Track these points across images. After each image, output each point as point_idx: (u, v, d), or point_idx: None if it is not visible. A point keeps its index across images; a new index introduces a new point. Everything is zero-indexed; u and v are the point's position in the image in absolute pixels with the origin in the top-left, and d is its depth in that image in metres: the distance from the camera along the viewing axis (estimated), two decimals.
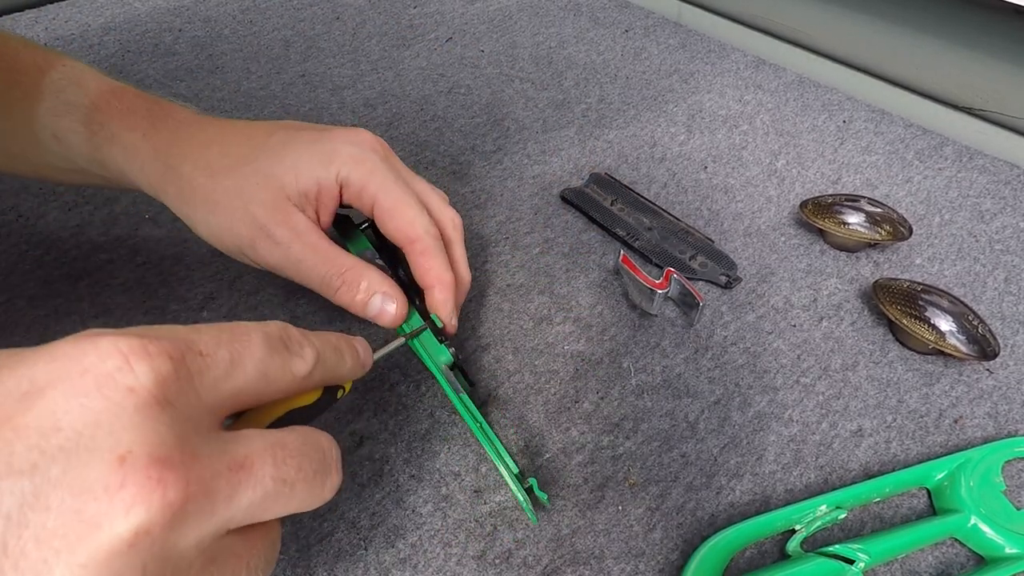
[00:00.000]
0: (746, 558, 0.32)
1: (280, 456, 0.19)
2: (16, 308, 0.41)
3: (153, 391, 0.16)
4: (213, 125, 0.35)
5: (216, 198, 0.33)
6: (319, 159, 0.33)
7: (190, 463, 0.16)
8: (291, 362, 0.22)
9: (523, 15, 0.74)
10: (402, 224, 0.34)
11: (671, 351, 0.41)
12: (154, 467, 0.15)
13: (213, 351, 0.19)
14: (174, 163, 0.33)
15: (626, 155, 0.55)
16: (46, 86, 0.34)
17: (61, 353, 0.16)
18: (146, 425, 0.16)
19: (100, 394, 0.16)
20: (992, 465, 0.35)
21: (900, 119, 0.60)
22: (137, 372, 0.16)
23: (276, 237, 0.33)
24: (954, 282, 0.46)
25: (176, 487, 0.15)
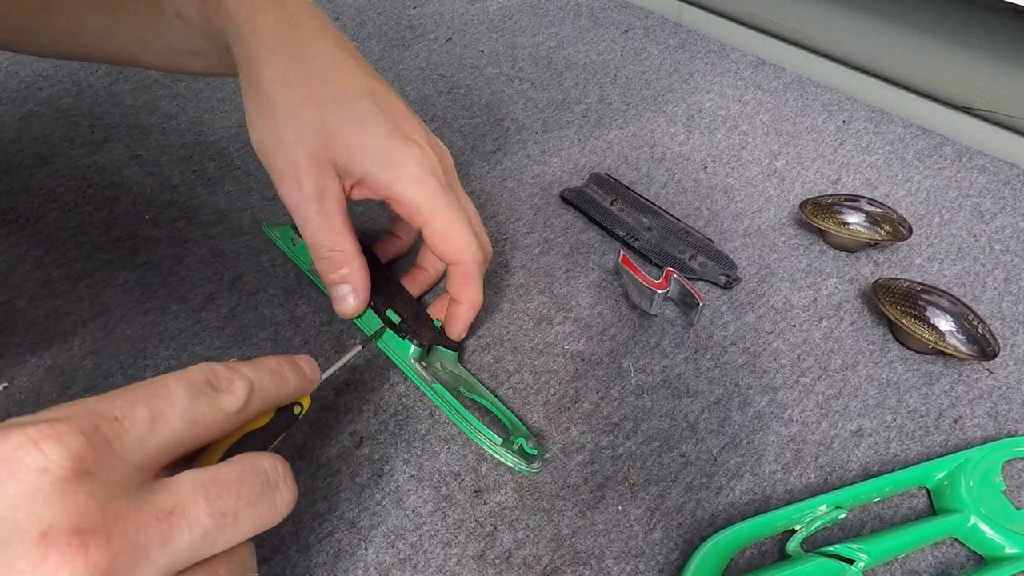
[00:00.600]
0: (746, 558, 0.32)
1: (213, 492, 0.20)
2: (16, 308, 0.41)
3: (67, 466, 0.17)
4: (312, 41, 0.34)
5: (277, 117, 0.33)
6: (381, 162, 0.34)
7: (112, 523, 0.17)
8: (219, 400, 0.22)
9: (523, 15, 0.74)
10: (453, 247, 0.35)
11: (671, 351, 0.41)
12: (75, 536, 0.16)
13: (128, 413, 0.19)
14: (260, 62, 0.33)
15: (626, 155, 0.55)
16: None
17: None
18: (64, 499, 0.16)
19: (14, 479, 0.16)
20: (992, 465, 0.35)
21: (900, 119, 0.60)
22: (47, 453, 0.17)
23: (304, 186, 0.33)
24: (954, 282, 0.46)
25: (98, 550, 0.16)
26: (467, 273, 0.36)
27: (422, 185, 0.34)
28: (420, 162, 0.34)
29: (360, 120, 0.34)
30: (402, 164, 0.34)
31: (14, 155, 0.52)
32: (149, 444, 0.19)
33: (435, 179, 0.35)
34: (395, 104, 0.36)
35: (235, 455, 0.23)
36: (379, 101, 0.35)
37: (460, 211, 0.35)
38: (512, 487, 0.34)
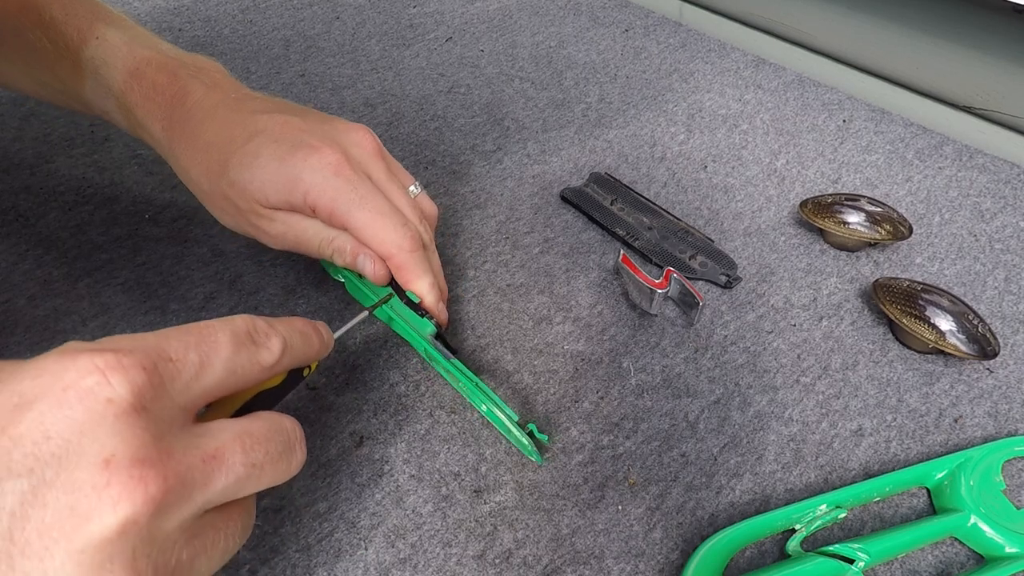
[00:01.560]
0: (746, 558, 0.32)
1: (248, 443, 0.21)
2: (16, 308, 0.41)
3: (130, 400, 0.18)
4: (211, 120, 0.35)
5: (220, 204, 0.36)
6: (284, 185, 0.34)
7: (166, 460, 0.18)
8: (258, 354, 0.23)
9: (523, 15, 0.74)
10: (374, 243, 0.35)
11: (671, 351, 0.41)
12: (135, 467, 0.17)
13: (182, 356, 0.21)
14: (183, 164, 0.36)
15: (626, 155, 0.55)
16: (85, 64, 0.35)
17: (44, 369, 0.18)
18: (126, 431, 0.18)
19: (82, 406, 0.18)
20: (992, 464, 0.35)
21: (900, 118, 0.60)
22: (114, 384, 0.18)
23: (273, 232, 0.36)
24: (954, 281, 0.46)
25: (155, 482, 0.18)
26: (401, 264, 0.35)
27: (325, 190, 0.34)
28: (317, 168, 0.34)
29: (254, 160, 0.34)
30: (302, 179, 0.34)
31: (14, 155, 0.52)
32: (195, 388, 0.21)
33: (339, 178, 0.34)
34: (288, 121, 0.35)
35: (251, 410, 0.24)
36: (267, 133, 0.35)
37: (372, 203, 0.34)
38: (512, 487, 0.34)
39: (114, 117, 0.37)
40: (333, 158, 0.34)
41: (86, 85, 0.36)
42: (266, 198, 0.34)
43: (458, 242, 0.47)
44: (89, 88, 0.36)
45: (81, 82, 0.36)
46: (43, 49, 0.36)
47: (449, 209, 0.50)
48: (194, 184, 0.36)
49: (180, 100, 0.35)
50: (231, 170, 0.34)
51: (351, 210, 0.34)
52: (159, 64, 0.36)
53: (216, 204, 0.36)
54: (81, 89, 0.36)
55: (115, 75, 0.35)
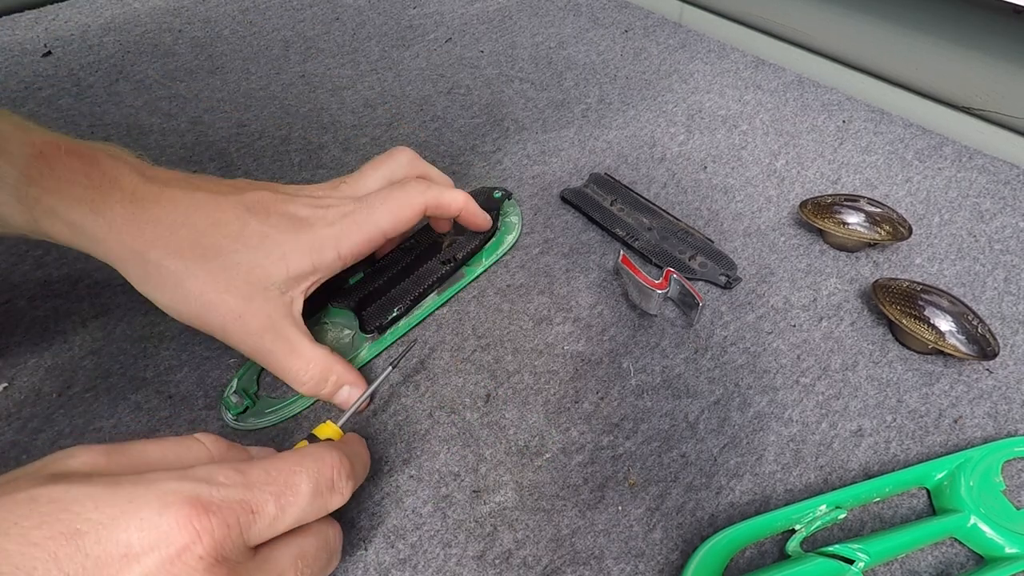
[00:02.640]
0: (746, 558, 0.32)
1: (301, 564, 0.24)
2: (16, 308, 0.41)
3: (215, 555, 0.21)
4: (173, 201, 0.32)
5: (188, 285, 0.32)
6: (308, 248, 0.34)
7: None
8: (330, 501, 0.26)
9: (523, 15, 0.74)
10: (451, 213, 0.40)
11: (671, 351, 0.41)
12: None
13: (262, 509, 0.23)
14: (138, 247, 0.31)
15: (626, 155, 0.55)
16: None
17: (149, 522, 0.20)
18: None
19: (181, 562, 0.20)
20: (992, 465, 0.35)
21: (900, 119, 0.60)
22: (204, 543, 0.21)
23: (250, 328, 0.33)
24: (954, 282, 0.46)
25: None
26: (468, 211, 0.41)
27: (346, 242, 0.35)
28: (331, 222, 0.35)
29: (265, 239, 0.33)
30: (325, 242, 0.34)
31: None
32: (266, 534, 0.23)
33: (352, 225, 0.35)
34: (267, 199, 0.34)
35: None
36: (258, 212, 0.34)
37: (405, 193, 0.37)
38: (512, 487, 0.34)
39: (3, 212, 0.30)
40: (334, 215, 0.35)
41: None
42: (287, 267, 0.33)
43: None
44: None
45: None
46: None
47: None
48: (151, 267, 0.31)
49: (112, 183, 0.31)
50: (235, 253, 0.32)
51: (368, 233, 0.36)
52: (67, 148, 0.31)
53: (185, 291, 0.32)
54: None
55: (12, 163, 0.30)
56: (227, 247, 0.32)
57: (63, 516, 0.20)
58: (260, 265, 0.33)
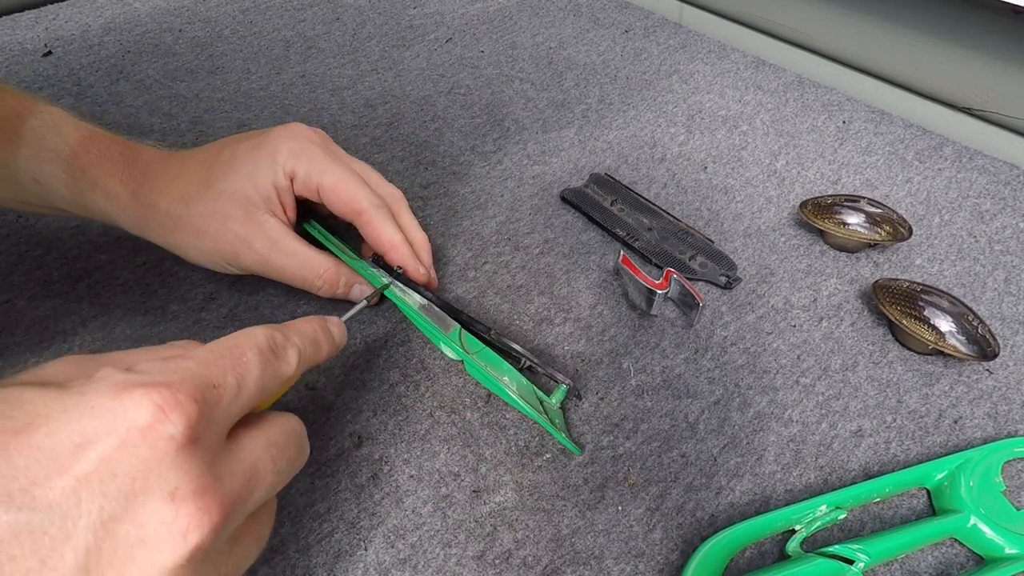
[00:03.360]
0: (746, 558, 0.32)
1: (275, 453, 0.23)
2: (16, 308, 0.41)
3: (187, 434, 0.19)
4: (175, 159, 0.38)
5: (196, 223, 0.36)
6: (265, 162, 0.37)
7: (220, 486, 0.20)
8: (279, 368, 0.25)
9: (523, 15, 0.74)
10: (346, 199, 0.38)
11: (671, 351, 0.41)
12: (199, 498, 0.19)
13: (223, 381, 0.22)
14: (150, 201, 0.36)
15: (626, 155, 0.55)
16: (27, 132, 0.36)
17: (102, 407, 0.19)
18: (185, 464, 0.19)
19: (146, 444, 0.19)
20: (992, 465, 0.35)
21: (900, 119, 0.60)
22: (173, 421, 0.19)
23: (256, 248, 0.37)
24: (954, 282, 0.46)
25: (215, 510, 0.19)
26: (371, 219, 0.38)
27: (300, 152, 0.37)
28: (291, 136, 0.38)
29: (234, 160, 0.37)
30: (279, 149, 0.37)
31: None
32: (234, 409, 0.22)
33: (312, 144, 0.38)
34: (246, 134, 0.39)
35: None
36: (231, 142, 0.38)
37: (343, 165, 0.38)
38: (512, 487, 0.34)
39: (50, 184, 0.36)
40: (305, 130, 0.39)
41: (20, 154, 0.35)
42: (254, 186, 0.36)
43: (458, 243, 0.47)
44: (24, 157, 0.35)
45: (15, 151, 0.36)
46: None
47: (449, 210, 0.50)
48: (164, 217, 0.36)
49: (135, 157, 0.37)
50: (216, 182, 0.36)
51: (323, 169, 0.37)
52: (109, 136, 0.38)
53: (195, 230, 0.36)
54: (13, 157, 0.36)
55: (66, 140, 0.36)
56: (211, 179, 0.36)
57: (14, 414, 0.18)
58: (239, 189, 0.36)
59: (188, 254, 0.38)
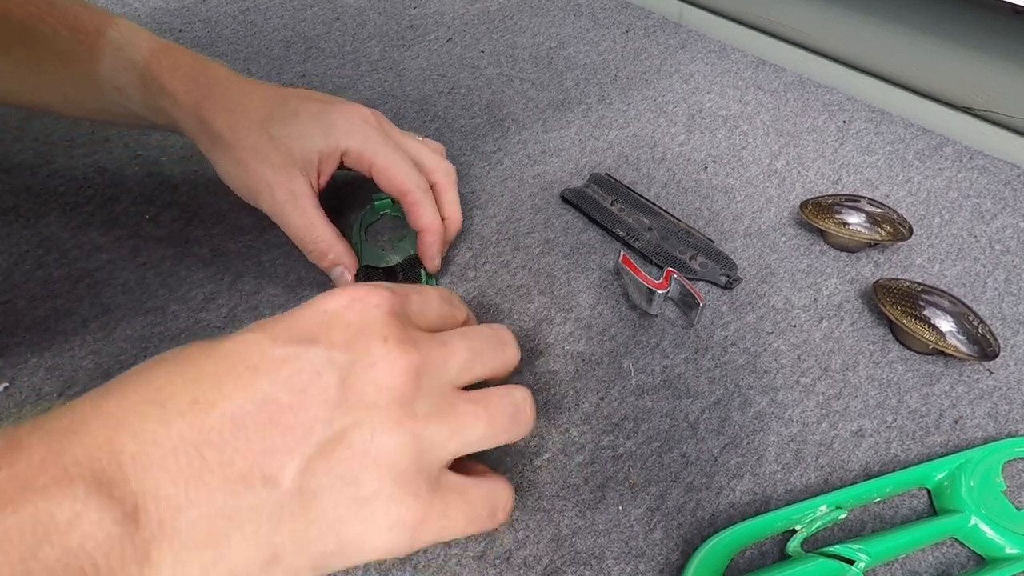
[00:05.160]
0: (746, 558, 0.32)
1: (468, 335, 0.28)
2: (16, 308, 0.41)
3: (389, 306, 0.26)
4: (240, 86, 0.40)
5: (236, 153, 0.39)
6: (321, 131, 0.40)
7: (417, 343, 0.25)
8: (454, 312, 0.30)
9: (523, 15, 0.74)
10: (395, 180, 0.41)
11: (671, 351, 0.41)
12: (402, 343, 0.25)
13: (408, 294, 0.28)
14: (207, 118, 0.39)
15: (626, 155, 0.55)
16: (106, 44, 0.39)
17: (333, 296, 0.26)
18: (391, 323, 0.25)
19: (364, 307, 0.25)
20: (992, 465, 0.35)
21: (900, 119, 0.60)
22: (379, 297, 0.26)
23: (276, 196, 0.39)
24: (954, 282, 0.46)
25: (414, 354, 0.25)
26: (416, 201, 0.41)
27: (356, 132, 0.40)
28: (350, 117, 0.41)
29: (293, 116, 0.40)
30: (336, 124, 0.40)
31: (15, 155, 0.52)
32: (425, 317, 0.28)
33: (368, 126, 0.41)
34: (313, 94, 0.42)
35: None
36: (300, 97, 0.41)
37: (394, 146, 0.41)
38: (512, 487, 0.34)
39: (128, 92, 0.40)
40: (363, 111, 0.42)
41: (103, 64, 0.39)
42: (301, 147, 0.39)
43: (459, 243, 0.47)
44: (106, 67, 0.39)
45: (96, 63, 0.39)
46: (57, 39, 0.39)
47: None
48: (214, 136, 0.39)
49: (204, 70, 0.40)
50: (271, 125, 0.39)
51: (378, 151, 0.40)
52: (180, 48, 0.41)
53: (235, 157, 0.39)
54: (96, 70, 0.39)
55: (141, 51, 0.39)
56: (267, 121, 0.39)
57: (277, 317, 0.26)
58: (287, 143, 0.39)
59: (221, 174, 0.40)
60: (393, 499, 0.23)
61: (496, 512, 0.27)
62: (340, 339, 0.24)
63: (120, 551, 0.19)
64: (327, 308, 0.25)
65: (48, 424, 0.21)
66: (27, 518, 0.18)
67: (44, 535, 0.18)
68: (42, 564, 0.18)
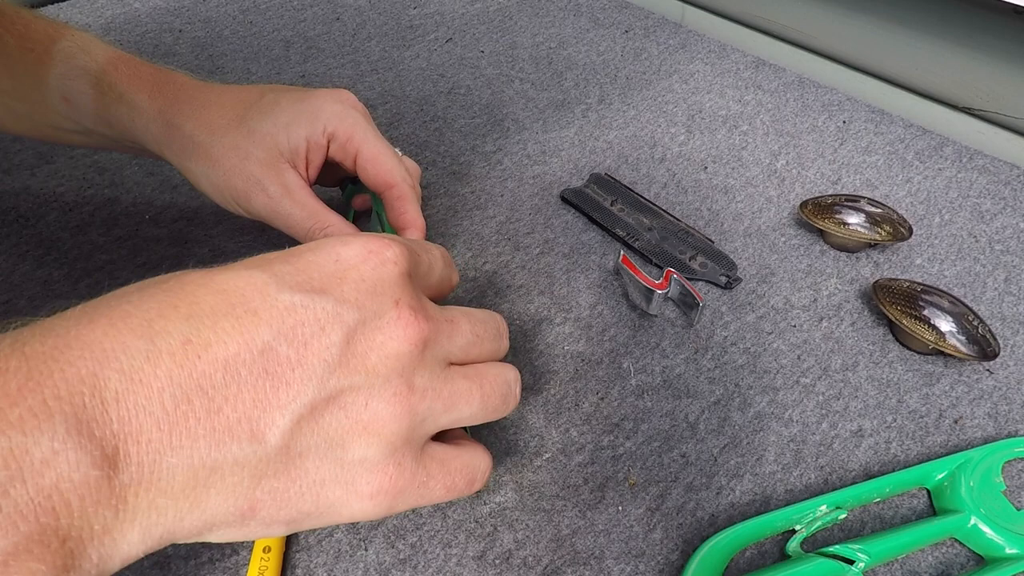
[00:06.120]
0: (746, 558, 0.32)
1: (473, 318, 0.28)
2: (16, 308, 0.41)
3: (404, 266, 0.25)
4: (210, 89, 0.39)
5: (215, 154, 0.37)
6: (307, 117, 0.37)
7: (427, 313, 0.25)
8: (451, 275, 0.30)
9: (523, 15, 0.74)
10: (382, 171, 0.38)
11: (671, 351, 0.41)
12: (413, 310, 0.24)
13: (419, 253, 0.27)
14: (176, 122, 0.37)
15: (626, 155, 0.55)
16: (57, 53, 0.37)
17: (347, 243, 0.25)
18: (405, 285, 0.25)
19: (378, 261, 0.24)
20: (992, 465, 0.35)
21: (900, 119, 0.60)
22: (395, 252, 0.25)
23: (269, 192, 0.37)
24: (954, 282, 0.46)
25: (424, 323, 0.24)
26: (402, 195, 0.39)
27: (345, 117, 0.38)
28: (338, 100, 0.38)
29: (275, 106, 0.38)
30: (323, 109, 0.38)
31: (15, 155, 0.52)
32: (427, 280, 0.28)
33: (356, 111, 0.39)
34: (290, 87, 0.40)
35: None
36: (277, 89, 0.39)
37: (384, 140, 0.39)
38: (512, 487, 0.34)
39: (78, 102, 0.38)
40: (349, 96, 0.39)
41: (51, 73, 0.37)
42: (287, 136, 0.37)
43: (458, 243, 0.47)
44: (55, 76, 0.37)
45: (45, 73, 0.38)
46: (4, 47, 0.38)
47: (449, 210, 0.50)
48: (186, 141, 0.37)
49: (167, 78, 0.38)
50: (250, 120, 0.37)
51: (366, 137, 0.38)
52: (135, 58, 0.39)
53: (212, 159, 0.37)
54: (44, 80, 0.38)
55: (96, 58, 0.38)
56: (246, 116, 0.37)
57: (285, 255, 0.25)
58: (271, 133, 0.37)
59: (199, 182, 0.38)
60: (378, 467, 0.23)
61: (474, 481, 0.27)
62: (351, 294, 0.23)
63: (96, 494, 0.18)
64: (340, 256, 0.24)
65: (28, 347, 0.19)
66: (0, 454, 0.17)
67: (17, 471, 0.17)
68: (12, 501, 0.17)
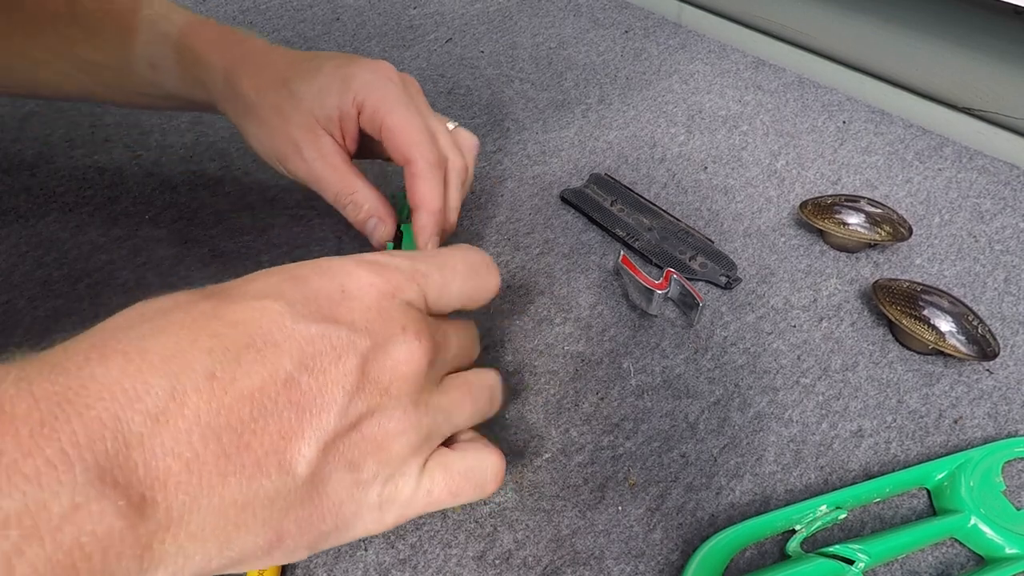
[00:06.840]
0: (746, 558, 0.32)
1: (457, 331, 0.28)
2: (16, 308, 0.41)
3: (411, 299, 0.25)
4: (270, 51, 0.40)
5: (261, 114, 0.38)
6: (338, 86, 0.37)
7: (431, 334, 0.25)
8: (479, 287, 0.29)
9: (523, 15, 0.74)
10: (403, 145, 0.37)
11: (671, 351, 0.41)
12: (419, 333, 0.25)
13: (429, 274, 0.27)
14: (235, 81, 0.38)
15: (626, 155, 0.55)
16: (140, 22, 0.40)
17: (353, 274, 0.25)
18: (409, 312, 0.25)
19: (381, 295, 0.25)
20: (992, 465, 0.35)
21: (900, 119, 0.60)
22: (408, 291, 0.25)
23: (304, 155, 0.38)
24: (954, 282, 0.46)
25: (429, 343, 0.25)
26: (419, 173, 0.37)
27: (376, 87, 0.37)
28: (373, 70, 0.38)
29: (314, 72, 0.38)
30: (355, 76, 0.37)
31: (15, 155, 0.52)
32: (439, 304, 0.27)
33: (391, 83, 0.38)
34: (339, 54, 0.40)
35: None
36: (323, 56, 0.39)
37: (414, 111, 0.37)
38: (512, 487, 0.34)
39: (163, 67, 0.40)
40: (389, 68, 0.39)
41: (137, 41, 0.40)
42: (320, 103, 0.37)
43: (458, 243, 0.47)
44: (141, 44, 0.40)
45: (131, 42, 0.40)
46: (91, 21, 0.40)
47: None
48: (242, 99, 0.38)
49: (238, 40, 0.40)
50: (292, 82, 0.38)
51: (393, 108, 0.37)
52: (209, 20, 0.41)
53: (259, 118, 0.38)
54: (131, 49, 0.40)
55: (175, 24, 0.40)
56: (290, 78, 0.38)
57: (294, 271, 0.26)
58: (308, 99, 0.37)
59: (250, 141, 0.40)
60: (388, 481, 0.24)
61: (485, 484, 0.27)
62: (361, 322, 0.23)
63: (119, 545, 0.17)
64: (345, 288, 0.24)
65: (37, 387, 0.17)
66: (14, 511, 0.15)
67: (33, 529, 0.15)
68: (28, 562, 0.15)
